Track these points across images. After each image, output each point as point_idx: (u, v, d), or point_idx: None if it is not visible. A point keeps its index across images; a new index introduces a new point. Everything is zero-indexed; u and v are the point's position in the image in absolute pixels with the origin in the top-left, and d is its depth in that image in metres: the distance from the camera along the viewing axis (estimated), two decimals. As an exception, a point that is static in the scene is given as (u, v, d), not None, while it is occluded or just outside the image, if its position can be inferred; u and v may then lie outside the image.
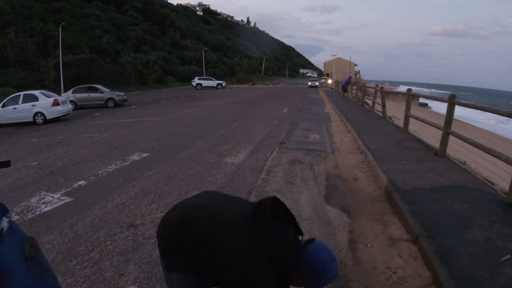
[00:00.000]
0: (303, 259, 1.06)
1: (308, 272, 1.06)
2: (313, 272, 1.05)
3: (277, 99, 18.97)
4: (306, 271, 1.06)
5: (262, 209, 1.08)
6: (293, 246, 1.08)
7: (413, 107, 10.33)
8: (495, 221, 2.65)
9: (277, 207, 1.10)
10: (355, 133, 6.93)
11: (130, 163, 5.09)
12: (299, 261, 1.06)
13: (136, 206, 3.40)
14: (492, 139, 15.18)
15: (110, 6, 44.23)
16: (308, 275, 1.06)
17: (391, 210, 3.18)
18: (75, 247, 2.59)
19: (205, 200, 1.22)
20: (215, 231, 1.07)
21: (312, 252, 1.06)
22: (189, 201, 1.24)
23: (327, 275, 1.06)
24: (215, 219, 1.10)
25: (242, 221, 1.08)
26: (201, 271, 1.11)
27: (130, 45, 38.89)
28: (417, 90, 61.89)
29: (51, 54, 26.76)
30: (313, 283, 1.07)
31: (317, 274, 1.05)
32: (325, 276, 1.06)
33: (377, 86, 11.18)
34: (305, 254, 1.06)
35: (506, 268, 2.00)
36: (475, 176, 3.95)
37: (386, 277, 2.14)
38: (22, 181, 4.35)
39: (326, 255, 1.07)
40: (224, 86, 33.14)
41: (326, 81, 49.25)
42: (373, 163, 4.55)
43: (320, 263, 1.05)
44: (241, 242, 1.03)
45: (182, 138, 7.03)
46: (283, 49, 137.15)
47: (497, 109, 3.79)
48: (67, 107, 11.70)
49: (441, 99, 5.88)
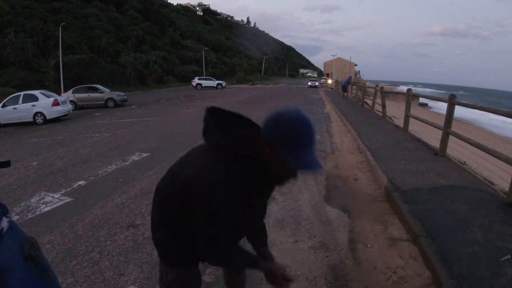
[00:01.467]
0: (264, 130, 0.90)
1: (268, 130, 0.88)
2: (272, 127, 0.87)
3: (277, 99, 18.97)
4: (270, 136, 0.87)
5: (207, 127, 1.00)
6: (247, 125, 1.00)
7: (413, 107, 10.34)
8: (495, 221, 2.65)
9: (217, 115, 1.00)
10: (355, 133, 6.93)
11: (130, 163, 5.09)
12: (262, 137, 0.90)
13: (136, 206, 3.40)
14: (492, 139, 15.18)
15: (110, 6, 44.26)
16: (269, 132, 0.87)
17: (391, 210, 3.18)
18: (75, 247, 2.59)
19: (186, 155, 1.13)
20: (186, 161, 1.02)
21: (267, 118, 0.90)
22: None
23: (290, 122, 0.85)
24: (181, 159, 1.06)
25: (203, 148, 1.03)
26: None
27: (130, 45, 38.89)
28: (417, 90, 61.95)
29: (51, 54, 26.78)
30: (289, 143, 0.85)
31: (279, 127, 0.85)
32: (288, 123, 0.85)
33: (377, 86, 11.18)
34: (263, 127, 0.91)
35: (506, 268, 2.00)
36: (475, 176, 3.95)
37: (386, 277, 2.14)
38: (22, 181, 4.35)
39: (283, 109, 0.88)
40: (224, 86, 33.13)
41: (326, 81, 49.27)
42: (373, 163, 4.55)
43: (277, 115, 0.87)
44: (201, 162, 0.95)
45: (182, 138, 7.03)
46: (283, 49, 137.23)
47: (497, 109, 3.79)
48: (67, 107, 11.71)
49: (441, 99, 5.88)
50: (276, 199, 3.45)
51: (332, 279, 2.13)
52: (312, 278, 2.12)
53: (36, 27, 29.35)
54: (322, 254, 2.41)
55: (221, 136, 0.96)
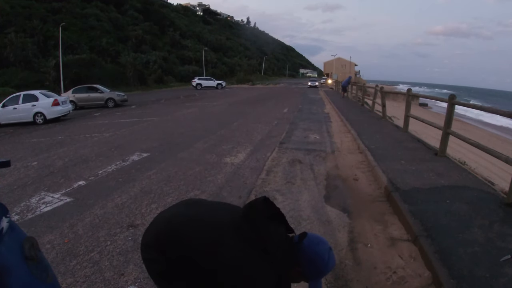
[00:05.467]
0: (300, 255, 1.06)
1: (308, 267, 1.06)
2: (312, 265, 1.06)
3: (277, 99, 18.97)
4: (305, 266, 1.06)
5: (255, 212, 1.05)
6: (289, 245, 1.08)
7: (413, 107, 10.34)
8: (495, 221, 2.65)
9: (268, 208, 1.07)
10: (355, 133, 6.93)
11: (130, 163, 5.09)
12: (297, 257, 1.06)
13: (136, 206, 3.40)
14: (492, 139, 15.18)
15: (110, 6, 44.18)
16: (308, 269, 1.07)
17: (391, 210, 3.18)
18: (75, 247, 2.59)
19: (188, 209, 1.16)
20: (207, 241, 1.02)
21: (308, 246, 1.06)
22: (170, 212, 1.17)
23: (326, 266, 1.07)
24: (204, 228, 1.05)
25: (234, 226, 1.04)
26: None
27: (130, 45, 38.87)
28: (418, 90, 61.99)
29: (51, 54, 26.75)
30: (314, 276, 1.08)
31: (316, 267, 1.06)
32: (324, 267, 1.07)
33: (377, 86, 11.19)
34: (301, 249, 1.06)
35: (506, 268, 2.00)
36: (475, 176, 3.95)
37: (386, 277, 2.14)
38: (22, 181, 4.34)
39: (322, 246, 1.07)
40: (224, 86, 33.13)
41: (326, 81, 49.28)
42: (373, 163, 4.55)
43: (318, 256, 1.05)
44: (237, 251, 0.99)
45: (182, 138, 7.03)
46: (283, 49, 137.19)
47: (497, 109, 3.79)
48: (67, 107, 11.70)
49: (441, 99, 5.88)
50: (276, 199, 3.45)
51: (332, 279, 2.13)
52: None
53: (36, 27, 29.32)
54: (322, 254, 2.41)
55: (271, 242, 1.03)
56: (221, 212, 1.13)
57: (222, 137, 7.04)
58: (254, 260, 0.99)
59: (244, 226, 1.03)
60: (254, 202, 1.08)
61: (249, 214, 1.05)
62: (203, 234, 1.04)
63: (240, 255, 0.99)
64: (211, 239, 1.02)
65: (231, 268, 0.98)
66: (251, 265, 0.98)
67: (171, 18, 56.65)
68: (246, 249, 1.00)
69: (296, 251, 1.06)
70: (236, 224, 1.04)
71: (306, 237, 1.09)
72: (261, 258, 1.00)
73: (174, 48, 48.28)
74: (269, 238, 1.02)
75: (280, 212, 1.09)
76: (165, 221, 1.12)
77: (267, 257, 1.00)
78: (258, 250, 1.00)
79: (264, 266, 0.99)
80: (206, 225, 1.06)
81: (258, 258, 0.99)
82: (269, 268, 1.00)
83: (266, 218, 1.04)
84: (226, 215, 1.10)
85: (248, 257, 0.99)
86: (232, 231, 1.03)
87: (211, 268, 1.00)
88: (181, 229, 1.07)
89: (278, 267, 1.02)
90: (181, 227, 1.07)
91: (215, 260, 1.00)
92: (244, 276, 0.98)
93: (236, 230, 1.03)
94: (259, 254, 1.00)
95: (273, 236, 1.03)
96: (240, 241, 1.01)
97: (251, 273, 0.98)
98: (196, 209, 1.16)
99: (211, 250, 1.01)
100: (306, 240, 1.08)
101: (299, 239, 1.09)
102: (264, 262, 1.00)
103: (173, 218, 1.12)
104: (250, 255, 0.99)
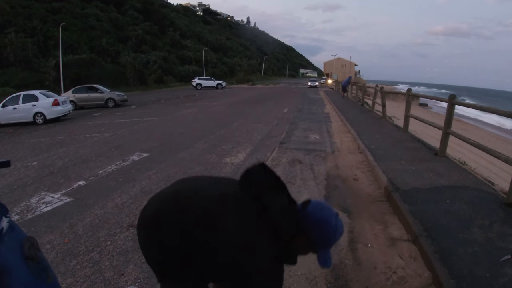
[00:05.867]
0: (305, 222, 1.00)
1: (315, 234, 1.00)
2: (319, 232, 1.00)
3: (277, 99, 18.97)
4: (312, 233, 1.00)
5: (253, 180, 0.99)
6: (292, 212, 1.02)
7: (413, 107, 10.34)
8: (495, 221, 2.65)
9: (267, 175, 1.02)
10: (355, 133, 6.93)
11: (130, 163, 5.09)
12: (302, 225, 1.00)
13: (136, 206, 3.40)
14: (493, 139, 15.18)
15: (110, 6, 44.18)
16: (315, 236, 1.01)
17: (391, 210, 3.18)
18: (75, 247, 2.59)
19: (184, 185, 1.10)
20: (206, 215, 0.96)
21: (313, 212, 1.01)
22: (164, 192, 1.10)
23: (334, 232, 1.01)
24: (202, 202, 0.99)
25: (233, 197, 0.99)
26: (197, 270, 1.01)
27: (130, 45, 38.86)
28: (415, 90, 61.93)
29: (51, 54, 26.75)
30: (322, 244, 1.02)
31: (324, 234, 1.00)
32: (332, 233, 1.01)
33: (377, 86, 11.19)
34: (305, 216, 1.01)
35: (506, 268, 2.00)
36: (475, 176, 3.95)
37: (386, 277, 2.14)
38: (22, 181, 4.34)
39: (328, 211, 1.03)
40: (224, 86, 33.13)
41: (326, 81, 49.27)
42: (373, 163, 4.55)
43: (325, 221, 1.00)
44: (236, 221, 0.94)
45: (182, 138, 7.03)
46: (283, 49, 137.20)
47: (497, 109, 3.79)
48: (67, 107, 11.70)
49: (441, 99, 5.88)
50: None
51: (332, 279, 2.13)
52: (312, 278, 2.12)
53: (36, 27, 29.32)
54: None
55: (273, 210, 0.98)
56: (219, 185, 1.09)
57: (222, 137, 7.04)
58: (254, 230, 0.95)
59: (242, 194, 0.99)
60: (250, 168, 1.02)
61: (246, 182, 1.00)
62: (201, 208, 0.98)
63: (239, 225, 0.94)
64: (209, 211, 0.97)
65: (231, 239, 0.93)
66: (251, 235, 0.94)
67: (171, 18, 56.65)
68: (245, 219, 0.95)
69: (300, 218, 1.01)
70: (234, 195, 1.00)
71: (310, 203, 1.04)
72: (262, 228, 0.95)
73: (174, 48, 48.28)
74: (269, 206, 0.97)
75: (280, 181, 1.04)
76: (159, 201, 1.06)
77: (269, 226, 0.96)
78: (258, 220, 0.96)
79: (265, 236, 0.95)
80: (203, 198, 1.01)
81: (259, 228, 0.95)
82: (271, 238, 0.95)
83: (265, 186, 0.99)
84: (225, 187, 1.06)
85: (248, 227, 0.94)
86: (231, 202, 0.99)
87: (211, 241, 0.95)
88: (176, 204, 1.01)
89: (282, 236, 0.98)
90: (175, 203, 1.02)
91: (214, 233, 0.94)
92: (244, 247, 0.93)
93: (235, 200, 0.99)
94: (259, 223, 0.95)
95: (274, 204, 0.98)
96: (239, 211, 0.97)
97: (251, 244, 0.93)
98: (193, 183, 1.12)
99: (209, 223, 0.95)
100: (310, 206, 1.03)
101: (302, 207, 1.04)
102: (266, 231, 0.95)
103: (167, 195, 1.07)
104: (249, 225, 0.95)
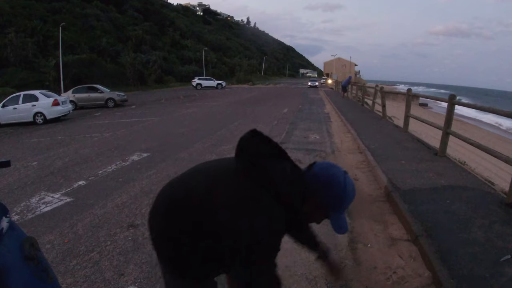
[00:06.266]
0: (313, 184, 0.92)
1: (324, 195, 0.92)
2: (328, 193, 0.92)
3: (277, 99, 18.97)
4: (321, 195, 0.92)
5: (247, 148, 0.93)
6: (297, 176, 0.94)
7: (413, 107, 10.34)
8: (495, 221, 2.65)
9: (260, 141, 0.95)
10: (355, 133, 6.93)
11: (130, 163, 5.09)
12: (310, 188, 0.92)
13: (136, 206, 3.40)
14: (493, 139, 15.18)
15: (110, 6, 44.23)
16: (325, 198, 0.92)
17: (391, 210, 3.18)
18: (75, 247, 2.59)
19: (192, 168, 1.07)
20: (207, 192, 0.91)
21: (320, 172, 0.93)
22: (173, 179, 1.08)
23: (344, 190, 0.92)
24: (204, 179, 0.96)
25: (232, 169, 0.94)
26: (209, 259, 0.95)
27: (130, 45, 38.87)
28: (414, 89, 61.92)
29: (51, 54, 26.75)
30: (333, 206, 0.94)
31: (333, 192, 0.92)
32: (343, 192, 0.92)
33: (377, 86, 11.19)
34: (312, 178, 0.93)
35: (506, 268, 2.00)
36: (475, 176, 3.95)
37: (386, 277, 2.14)
38: (22, 181, 4.34)
39: (336, 169, 0.94)
40: (224, 86, 33.14)
41: (326, 81, 49.25)
42: (373, 163, 4.55)
43: (333, 178, 0.92)
44: (238, 195, 0.89)
45: (182, 138, 7.03)
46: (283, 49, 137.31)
47: (497, 109, 3.78)
48: (67, 107, 11.71)
49: (441, 99, 5.88)
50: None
51: (332, 279, 2.12)
52: (312, 278, 2.12)
53: (36, 27, 29.33)
54: (322, 254, 2.41)
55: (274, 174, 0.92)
56: (224, 162, 1.04)
57: (222, 137, 7.04)
58: (254, 199, 0.88)
59: (239, 164, 0.93)
60: (242, 136, 0.96)
61: (240, 150, 0.94)
62: (202, 185, 0.95)
63: (239, 199, 0.88)
64: (210, 187, 0.92)
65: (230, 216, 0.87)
66: (249, 205, 0.87)
67: (171, 18, 56.68)
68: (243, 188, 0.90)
69: (307, 180, 0.93)
70: (234, 167, 0.95)
71: (316, 164, 0.97)
72: (263, 196, 0.88)
73: (174, 48, 48.32)
74: (269, 171, 0.90)
75: (279, 147, 0.98)
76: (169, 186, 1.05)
77: (271, 193, 0.89)
78: (257, 189, 0.89)
79: (268, 204, 0.88)
80: (205, 174, 0.99)
81: (259, 196, 0.88)
82: (273, 207, 0.89)
83: (262, 153, 0.93)
84: (228, 162, 1.00)
85: (246, 196, 0.88)
86: (231, 173, 0.94)
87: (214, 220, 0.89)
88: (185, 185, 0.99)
89: (288, 202, 0.91)
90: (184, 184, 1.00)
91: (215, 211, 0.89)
92: (245, 218, 0.86)
93: (235, 173, 0.93)
94: (260, 191, 0.89)
95: (274, 169, 0.91)
96: (239, 182, 0.91)
97: (251, 214, 0.86)
98: (201, 165, 1.08)
99: (210, 200, 0.90)
100: (316, 167, 0.95)
101: (308, 169, 0.96)
102: (267, 199, 0.88)
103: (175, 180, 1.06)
104: (249, 197, 0.88)
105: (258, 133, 0.96)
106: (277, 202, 0.89)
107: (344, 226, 0.99)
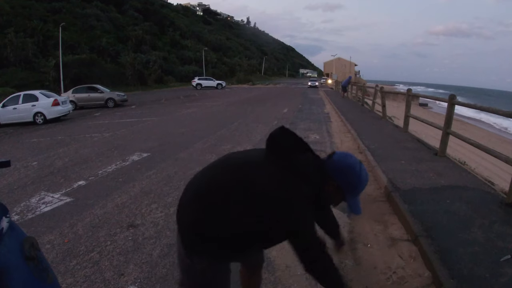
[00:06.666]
0: (332, 169, 1.11)
1: (341, 179, 1.11)
2: (345, 176, 1.10)
3: (277, 99, 18.98)
4: (339, 179, 1.10)
5: (275, 140, 1.11)
6: (319, 162, 1.14)
7: (413, 107, 10.34)
8: (495, 221, 2.65)
9: (287, 136, 1.13)
10: (355, 133, 6.93)
11: (130, 163, 5.09)
12: (330, 172, 1.11)
13: (136, 206, 3.40)
14: (493, 139, 15.18)
15: (110, 6, 44.22)
16: (342, 182, 1.11)
17: (391, 210, 3.18)
18: (75, 247, 2.59)
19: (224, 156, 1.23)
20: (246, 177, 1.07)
21: (338, 160, 1.12)
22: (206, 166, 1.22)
23: (360, 177, 1.11)
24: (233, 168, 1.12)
25: (263, 159, 1.11)
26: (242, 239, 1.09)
27: (130, 45, 38.87)
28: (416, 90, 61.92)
29: (51, 54, 26.74)
30: (350, 189, 1.12)
31: (349, 177, 1.10)
32: (359, 178, 1.11)
33: (377, 86, 11.19)
34: (332, 164, 1.12)
35: (506, 268, 2.00)
36: (475, 176, 3.95)
37: (386, 277, 2.14)
38: (22, 181, 4.34)
39: (352, 159, 1.13)
40: (224, 86, 33.13)
41: (326, 81, 49.26)
42: (373, 163, 4.55)
43: (349, 166, 1.11)
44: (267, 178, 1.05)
45: (182, 138, 7.03)
46: (283, 49, 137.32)
47: (497, 109, 3.78)
48: (67, 107, 11.71)
49: (441, 99, 5.88)
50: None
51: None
52: (312, 278, 2.12)
53: (36, 27, 29.32)
54: (322, 254, 2.41)
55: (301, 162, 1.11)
56: (252, 152, 1.21)
57: (222, 137, 7.04)
58: (290, 183, 1.04)
59: (270, 155, 1.11)
60: (273, 131, 1.14)
61: (271, 143, 1.12)
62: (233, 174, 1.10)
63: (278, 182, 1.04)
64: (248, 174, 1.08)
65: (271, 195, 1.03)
66: (283, 187, 1.03)
67: (171, 18, 56.69)
68: (275, 174, 1.06)
69: (327, 166, 1.12)
70: (263, 158, 1.12)
71: (335, 153, 1.16)
72: (293, 180, 1.05)
73: (174, 48, 48.29)
74: (297, 160, 1.09)
75: (303, 141, 1.16)
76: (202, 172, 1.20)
77: (300, 177, 1.07)
78: (288, 173, 1.06)
79: (298, 186, 1.05)
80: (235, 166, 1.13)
81: (290, 179, 1.05)
82: (303, 186, 1.06)
83: (290, 147, 1.11)
84: (255, 153, 1.18)
85: (279, 180, 1.04)
86: (261, 163, 1.10)
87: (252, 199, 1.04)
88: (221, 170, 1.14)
89: (312, 184, 1.09)
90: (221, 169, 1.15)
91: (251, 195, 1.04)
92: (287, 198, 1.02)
93: (264, 161, 1.10)
94: (290, 176, 1.06)
95: (300, 158, 1.11)
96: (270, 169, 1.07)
97: (290, 194, 1.03)
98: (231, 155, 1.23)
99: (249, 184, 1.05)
100: (335, 155, 1.15)
101: (328, 157, 1.15)
102: (297, 182, 1.06)
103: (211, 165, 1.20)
104: (281, 179, 1.05)
105: (286, 129, 1.14)
106: (305, 183, 1.08)
107: (358, 207, 1.16)
